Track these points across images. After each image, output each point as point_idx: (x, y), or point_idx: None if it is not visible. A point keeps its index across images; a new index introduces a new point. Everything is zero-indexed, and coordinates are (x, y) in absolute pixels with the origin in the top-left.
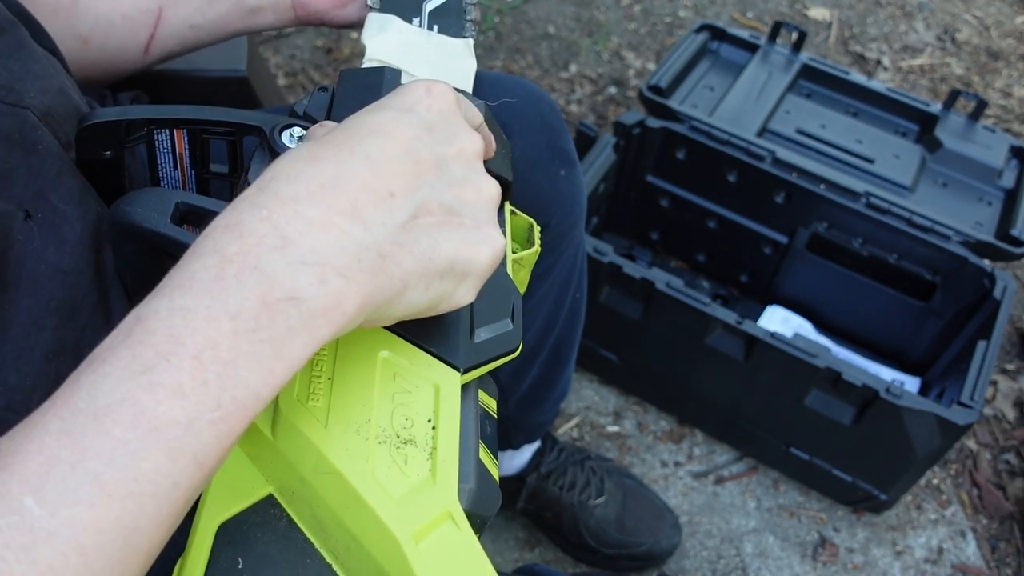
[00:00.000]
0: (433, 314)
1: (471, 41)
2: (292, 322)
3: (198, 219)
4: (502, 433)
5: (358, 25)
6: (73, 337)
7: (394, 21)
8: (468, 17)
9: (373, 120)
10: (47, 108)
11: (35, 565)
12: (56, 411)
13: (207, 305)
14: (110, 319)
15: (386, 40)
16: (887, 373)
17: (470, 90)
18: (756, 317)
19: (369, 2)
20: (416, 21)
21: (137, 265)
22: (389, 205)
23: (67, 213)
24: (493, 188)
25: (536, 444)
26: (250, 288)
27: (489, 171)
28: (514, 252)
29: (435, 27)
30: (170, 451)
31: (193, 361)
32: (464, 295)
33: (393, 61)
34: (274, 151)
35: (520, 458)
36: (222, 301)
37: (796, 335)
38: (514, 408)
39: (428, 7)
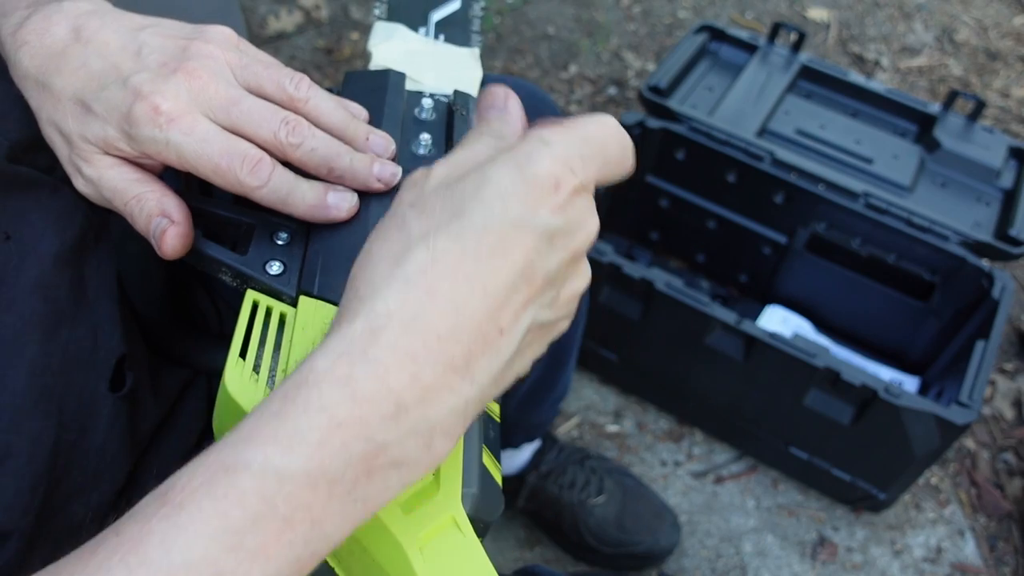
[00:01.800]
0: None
1: (477, 50)
2: (390, 483)
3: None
4: (502, 432)
5: None
6: (57, 352)
7: (400, 29)
8: (474, 27)
9: (493, 230)
10: (32, 138)
11: None
12: (123, 556)
13: (307, 471)
14: (96, 331)
15: (392, 48)
16: (886, 373)
17: None
18: (755, 317)
19: (376, 11)
20: (422, 30)
21: (138, 264)
22: (497, 347)
23: (46, 230)
24: (587, 274)
25: (536, 443)
26: (356, 456)
27: None
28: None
29: (441, 36)
30: None
31: (282, 523)
32: (563, 328)
33: (398, 69)
34: None
35: (520, 457)
36: (324, 467)
37: (795, 335)
38: (514, 408)
39: (434, 17)
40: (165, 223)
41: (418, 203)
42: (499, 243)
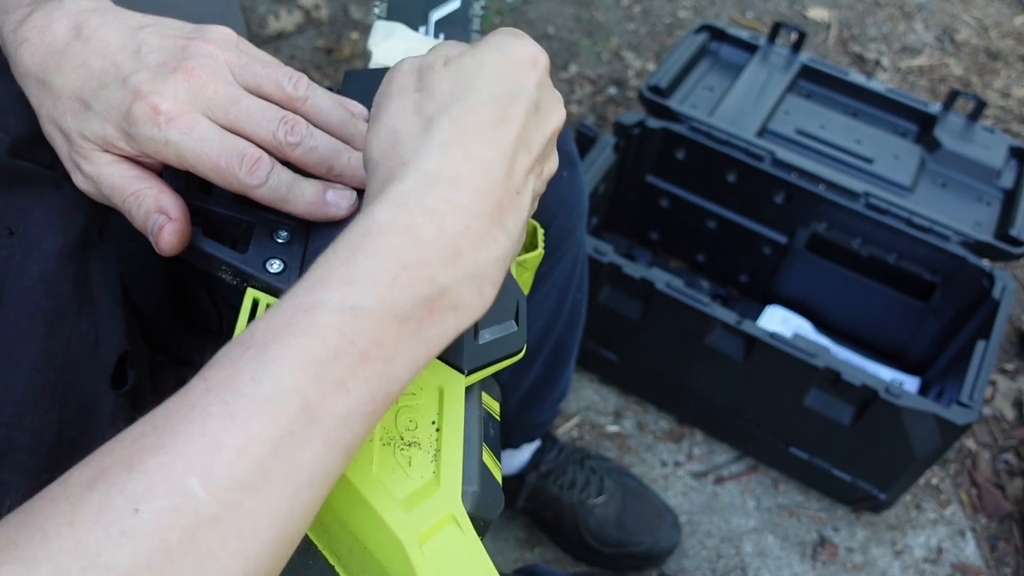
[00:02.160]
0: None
1: None
2: (447, 325)
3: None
4: (502, 432)
5: None
6: (61, 346)
7: (400, 28)
8: (474, 27)
9: (499, 103)
10: (33, 134)
11: (195, 547)
12: (217, 393)
13: (380, 308)
14: (98, 327)
15: (392, 47)
16: (886, 373)
17: None
18: (756, 317)
19: (376, 10)
20: (422, 29)
21: (138, 262)
22: (518, 205)
23: (48, 226)
24: (557, 160)
25: (536, 443)
26: (422, 297)
27: None
28: (518, 255)
29: (441, 35)
30: (328, 442)
31: (359, 358)
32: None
33: None
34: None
35: (520, 457)
36: (395, 306)
37: (796, 335)
38: (514, 407)
39: (434, 16)
40: (163, 220)
41: (424, 88)
42: (502, 113)
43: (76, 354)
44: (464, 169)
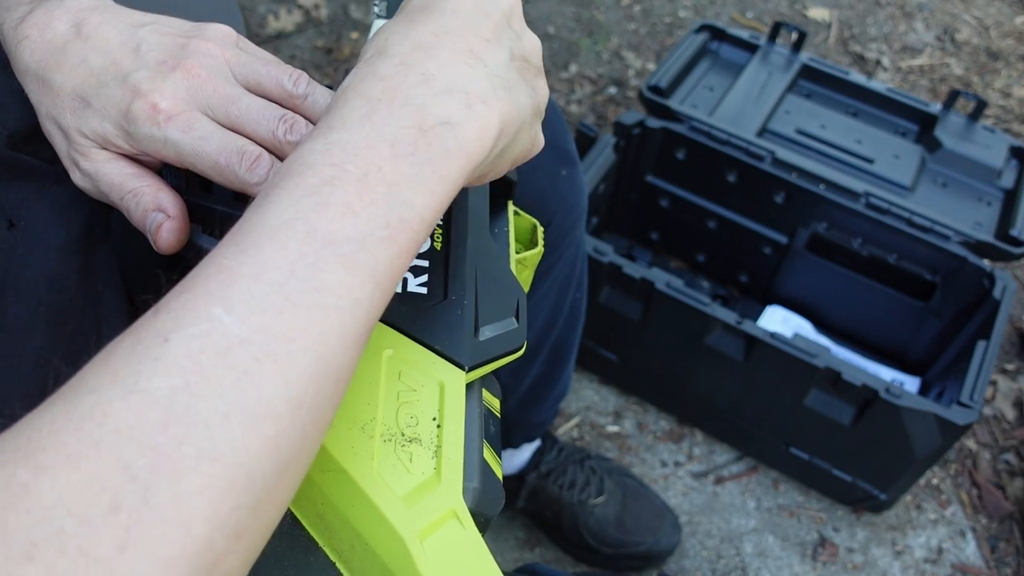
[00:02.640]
0: (523, 162)
1: None
2: (449, 145)
3: (201, 217)
4: (502, 432)
5: None
6: (63, 341)
7: None
8: None
9: None
10: (31, 129)
11: (232, 370)
12: (228, 240)
13: (364, 136)
14: (100, 322)
15: None
16: (887, 373)
17: None
18: (756, 317)
19: (376, 10)
20: None
21: (138, 260)
22: (493, 48)
23: (51, 220)
24: (536, 38)
25: (536, 443)
26: (404, 118)
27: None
28: (518, 253)
29: None
30: (347, 264)
31: (358, 183)
32: (541, 139)
33: None
34: None
35: (520, 457)
36: (379, 131)
37: (796, 335)
38: (514, 407)
39: None
40: (161, 218)
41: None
42: None
43: (79, 349)
44: (412, 29)
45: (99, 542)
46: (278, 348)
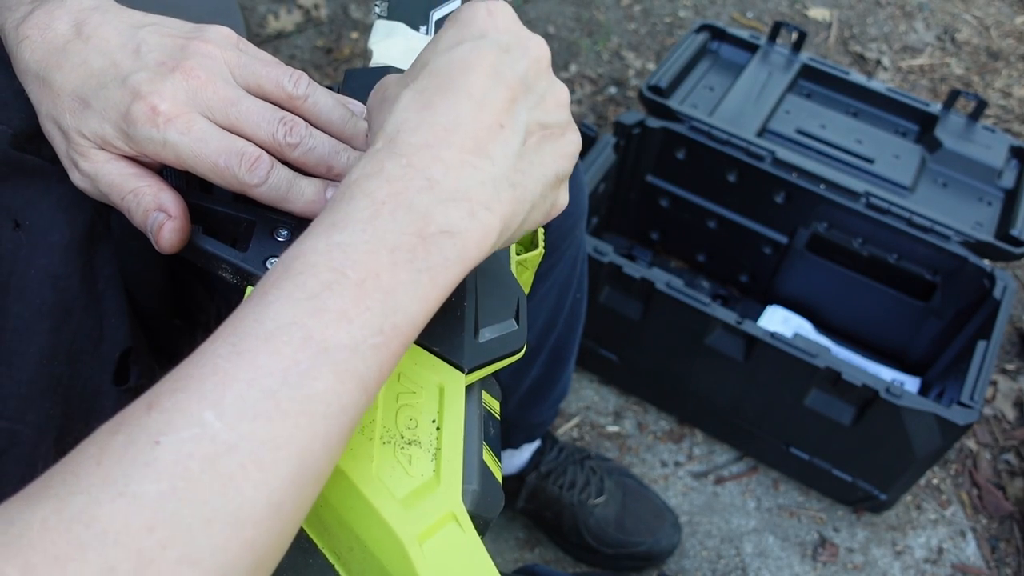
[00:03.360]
0: (544, 223)
1: None
2: (448, 253)
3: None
4: (502, 432)
5: None
6: (66, 341)
7: (400, 28)
8: None
9: (456, 57)
10: (35, 129)
11: (218, 476)
12: (224, 337)
13: (365, 240)
14: (102, 322)
15: (392, 46)
16: (887, 373)
17: None
18: (756, 317)
19: (377, 10)
20: (423, 29)
21: (139, 261)
22: (504, 137)
23: (55, 219)
24: (565, 90)
25: (536, 443)
26: (406, 224)
27: None
28: (518, 254)
29: None
30: (338, 373)
31: (356, 289)
32: (564, 199)
33: (399, 66)
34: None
35: (520, 457)
36: (380, 236)
37: (796, 335)
38: (514, 407)
39: (435, 15)
40: (162, 218)
41: (386, 86)
42: (464, 61)
43: (80, 349)
44: (426, 118)
45: None
46: (264, 456)
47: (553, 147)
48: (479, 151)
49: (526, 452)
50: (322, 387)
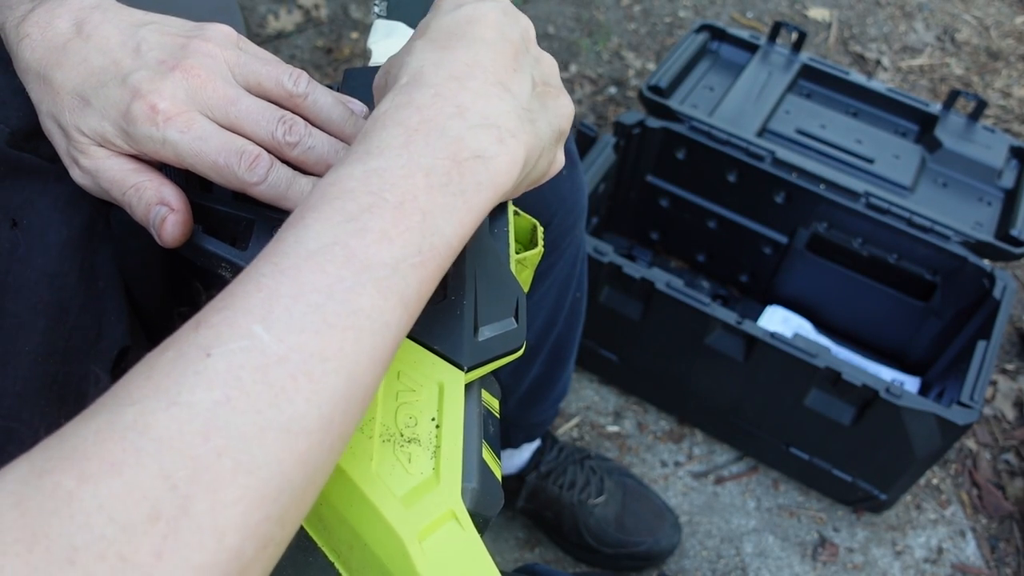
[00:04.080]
0: (542, 183)
1: None
2: (480, 177)
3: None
4: (502, 432)
5: None
6: (62, 339)
7: (400, 27)
8: None
9: (462, 13)
10: (33, 127)
11: (270, 387)
12: (266, 258)
13: (402, 164)
14: (100, 320)
15: (391, 45)
16: (887, 373)
17: None
18: (756, 317)
19: (376, 9)
20: None
21: (138, 260)
22: (519, 77)
23: (53, 218)
24: (551, 58)
25: (536, 443)
26: (440, 149)
27: None
28: (517, 253)
29: None
30: (381, 289)
31: (395, 211)
32: (561, 159)
33: None
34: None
35: (520, 457)
36: (416, 160)
37: (796, 335)
38: (514, 407)
39: None
40: (164, 211)
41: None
42: (471, 16)
43: (77, 347)
44: (445, 57)
45: (138, 549)
46: (313, 367)
47: (555, 103)
48: (501, 85)
49: (526, 452)
50: (367, 303)
